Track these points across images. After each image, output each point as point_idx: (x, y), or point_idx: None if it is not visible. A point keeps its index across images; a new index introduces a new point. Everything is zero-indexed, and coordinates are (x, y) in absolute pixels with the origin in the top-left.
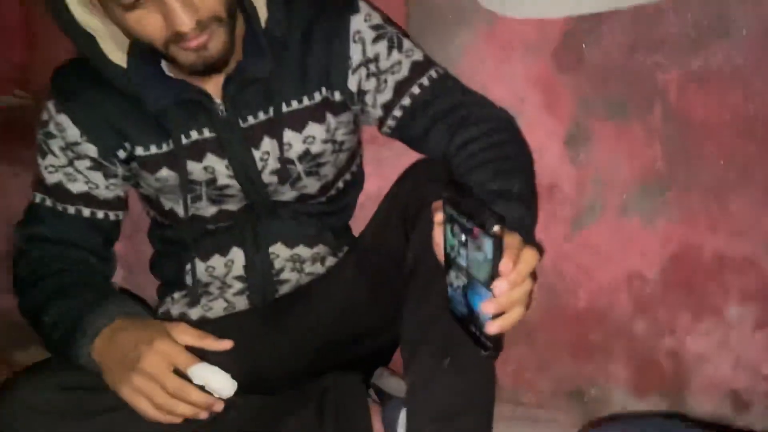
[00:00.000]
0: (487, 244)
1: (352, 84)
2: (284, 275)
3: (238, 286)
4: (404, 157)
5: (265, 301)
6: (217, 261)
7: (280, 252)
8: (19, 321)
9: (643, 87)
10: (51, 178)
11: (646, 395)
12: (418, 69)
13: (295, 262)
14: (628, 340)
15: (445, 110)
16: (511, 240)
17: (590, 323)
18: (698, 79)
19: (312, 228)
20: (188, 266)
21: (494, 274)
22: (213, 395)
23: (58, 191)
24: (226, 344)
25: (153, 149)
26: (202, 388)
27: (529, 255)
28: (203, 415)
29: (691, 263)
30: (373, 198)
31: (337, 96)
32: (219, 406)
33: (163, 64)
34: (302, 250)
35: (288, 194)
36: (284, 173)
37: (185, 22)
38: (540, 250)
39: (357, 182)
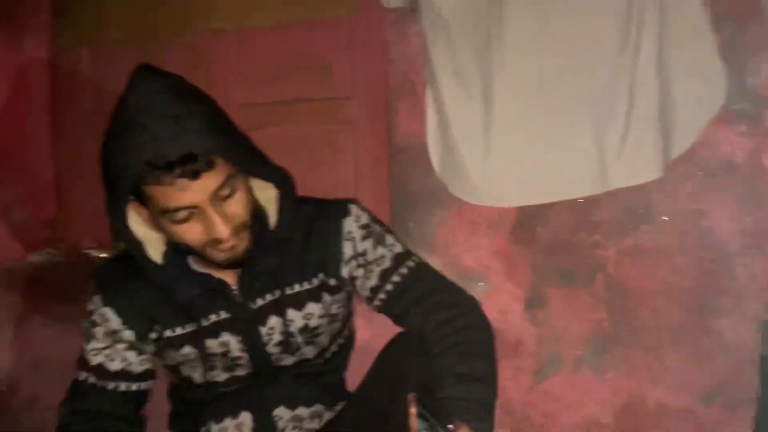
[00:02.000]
0: None
1: (344, 273)
2: None
3: None
4: None
5: None
6: (228, 423)
7: (282, 414)
8: None
9: (587, 260)
10: (94, 360)
11: None
12: (398, 260)
13: (296, 421)
14: None
15: (421, 296)
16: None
17: None
18: (632, 255)
19: (310, 389)
20: (203, 429)
21: None
22: None
23: (100, 370)
24: None
25: (178, 330)
26: None
27: None
28: None
29: (638, 412)
30: (364, 350)
31: (332, 281)
32: None
33: (190, 260)
34: (302, 411)
35: (288, 360)
36: (286, 344)
37: (223, 231)
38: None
39: (349, 342)
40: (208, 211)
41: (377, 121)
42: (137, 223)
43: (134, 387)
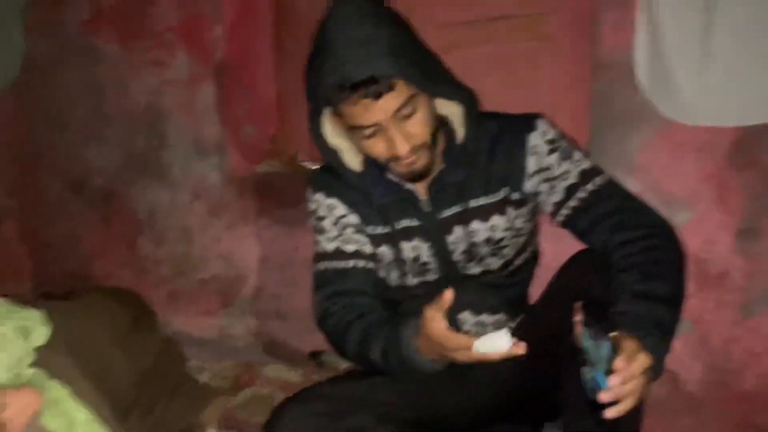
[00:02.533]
0: (606, 345)
1: (528, 187)
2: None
3: None
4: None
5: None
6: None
7: (467, 318)
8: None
9: None
10: (330, 246)
11: None
12: (585, 176)
13: (479, 327)
14: None
15: (607, 213)
16: (629, 344)
17: (757, 405)
18: None
19: (494, 298)
20: None
21: (610, 370)
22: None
23: (338, 254)
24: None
25: (379, 230)
26: None
27: (642, 358)
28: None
29: None
30: (551, 268)
31: (516, 195)
32: None
33: (386, 170)
34: (486, 318)
35: (474, 269)
36: (471, 254)
37: (402, 149)
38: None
39: (533, 258)
40: (390, 130)
41: (580, 36)
42: (335, 135)
43: (370, 265)
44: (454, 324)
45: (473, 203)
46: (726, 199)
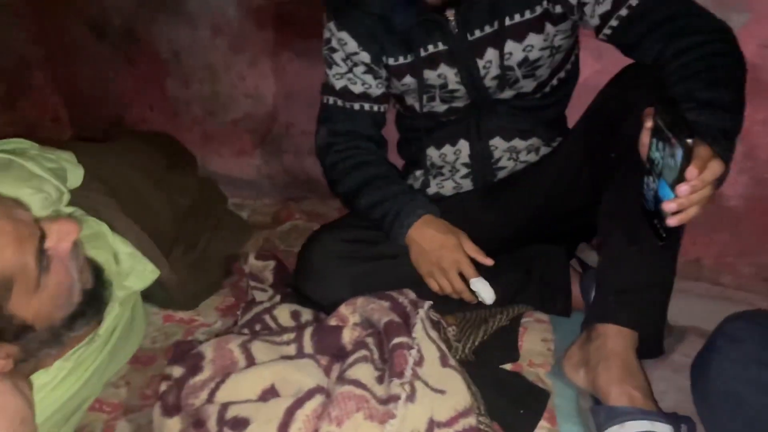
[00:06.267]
0: (679, 153)
1: None
2: (502, 163)
3: (464, 170)
4: None
5: (486, 183)
6: (447, 149)
7: (498, 144)
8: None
9: None
10: (338, 84)
11: None
12: None
13: (512, 152)
14: None
15: (662, 20)
16: (703, 151)
17: None
18: None
19: (527, 123)
20: (426, 151)
21: (680, 179)
22: (477, 298)
23: (345, 93)
24: (489, 261)
25: (400, 59)
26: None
27: (715, 165)
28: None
29: None
30: (590, 87)
31: (558, 8)
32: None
33: None
34: (517, 143)
35: (507, 93)
36: (504, 78)
37: None
38: (728, 159)
39: (571, 77)
40: None
41: None
42: None
43: (375, 108)
44: (486, 150)
45: (508, 21)
46: None
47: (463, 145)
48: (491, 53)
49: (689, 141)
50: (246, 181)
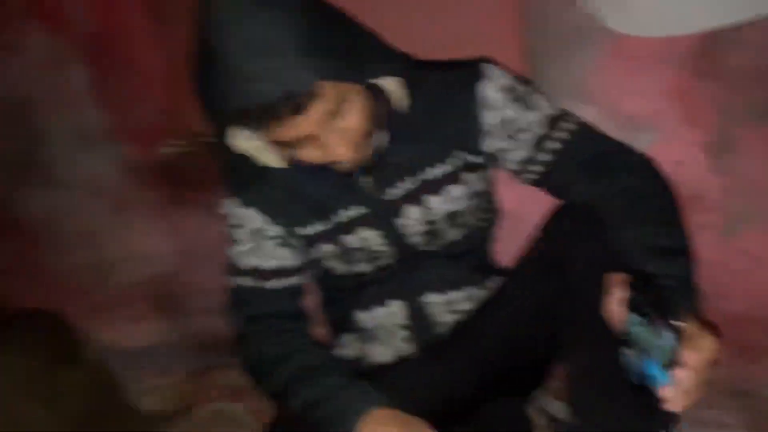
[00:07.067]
0: (669, 335)
1: (488, 147)
2: (441, 318)
3: (402, 333)
4: None
5: (428, 343)
6: (379, 312)
7: (433, 299)
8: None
9: None
10: (246, 263)
11: None
12: (553, 123)
13: (449, 305)
14: None
15: (588, 161)
16: (692, 330)
17: (747, 325)
18: None
19: (459, 271)
20: (354, 315)
21: (674, 361)
22: None
23: (255, 272)
24: None
25: (317, 227)
26: None
27: (709, 343)
28: None
29: None
30: (511, 215)
31: (473, 158)
32: None
33: None
34: (453, 295)
35: (434, 245)
36: (429, 233)
37: (344, 154)
38: (717, 330)
39: (494, 215)
40: (322, 137)
41: None
42: (245, 141)
43: (295, 280)
44: (424, 308)
45: (425, 176)
46: (692, 113)
47: (396, 306)
48: (413, 210)
49: (681, 325)
50: (146, 353)
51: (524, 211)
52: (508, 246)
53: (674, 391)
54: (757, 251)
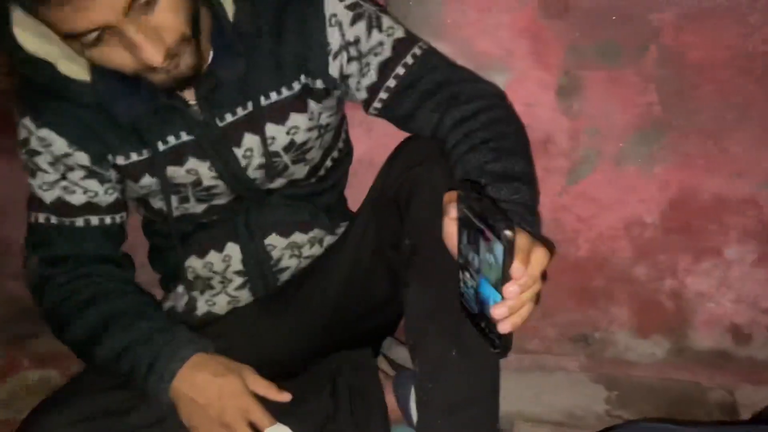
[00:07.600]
0: (498, 249)
1: (334, 70)
2: (283, 263)
3: (238, 280)
4: None
5: (268, 290)
6: (214, 257)
7: (276, 242)
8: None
9: (637, 30)
10: (48, 196)
11: (649, 335)
12: (401, 48)
13: (293, 248)
14: (630, 284)
15: (433, 89)
16: (522, 241)
17: (591, 270)
18: (694, 18)
19: (305, 213)
20: (186, 263)
21: (505, 278)
22: None
23: (61, 207)
24: (285, 397)
25: (133, 157)
26: None
27: (540, 255)
28: None
29: (690, 206)
30: (365, 163)
31: (319, 83)
32: None
33: None
34: (298, 237)
35: (276, 183)
36: (270, 167)
37: (155, 57)
38: (551, 246)
39: (345, 156)
40: (127, 32)
41: None
42: (36, 40)
43: (108, 220)
44: (262, 251)
45: (263, 101)
46: (543, 53)
47: (233, 249)
48: (250, 139)
49: (509, 234)
50: None
51: (380, 160)
52: (364, 195)
53: (503, 307)
54: (602, 196)
